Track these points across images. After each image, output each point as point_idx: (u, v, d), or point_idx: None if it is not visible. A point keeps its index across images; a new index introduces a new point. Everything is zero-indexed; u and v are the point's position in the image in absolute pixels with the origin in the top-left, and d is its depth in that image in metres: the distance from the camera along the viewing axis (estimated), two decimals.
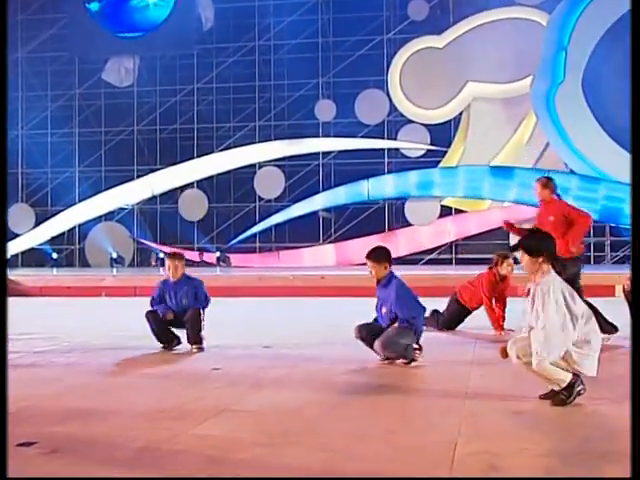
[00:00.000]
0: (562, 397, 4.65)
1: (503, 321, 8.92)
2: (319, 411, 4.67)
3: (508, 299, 8.99)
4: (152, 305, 7.58)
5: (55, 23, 31.66)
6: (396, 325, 6.39)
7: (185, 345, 7.62)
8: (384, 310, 6.49)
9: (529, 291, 4.82)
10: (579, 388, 4.66)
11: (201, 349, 7.28)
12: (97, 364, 6.62)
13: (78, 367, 6.44)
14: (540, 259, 4.69)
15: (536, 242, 4.79)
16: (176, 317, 7.42)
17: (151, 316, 7.45)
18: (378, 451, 3.64)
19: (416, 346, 6.44)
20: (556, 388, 4.68)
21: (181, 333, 7.45)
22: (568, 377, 4.65)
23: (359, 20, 28.97)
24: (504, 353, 4.80)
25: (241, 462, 3.49)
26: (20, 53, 31.04)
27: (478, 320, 9.57)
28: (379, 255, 6.65)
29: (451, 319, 9.28)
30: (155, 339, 7.43)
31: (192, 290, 7.54)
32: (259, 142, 30.33)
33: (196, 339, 7.33)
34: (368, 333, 6.51)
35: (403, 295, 6.46)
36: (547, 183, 8.45)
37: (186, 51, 30.94)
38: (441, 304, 9.43)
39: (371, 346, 6.46)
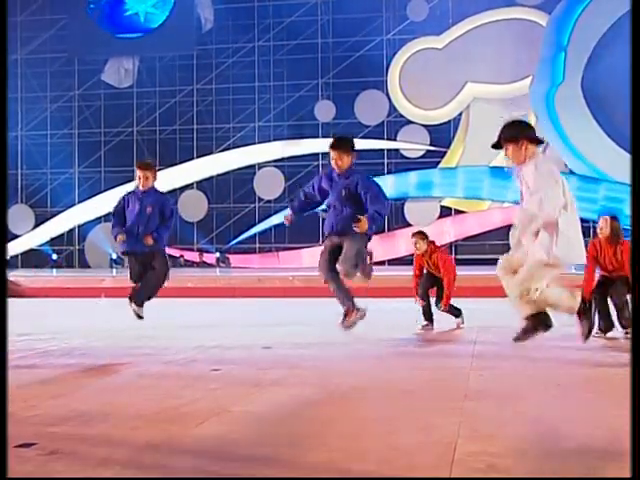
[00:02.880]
0: (524, 334, 4.58)
1: (447, 299, 9.07)
2: (319, 411, 4.66)
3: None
4: (113, 216, 7.71)
5: (54, 24, 31.69)
6: (351, 243, 6.27)
7: (185, 346, 7.61)
8: (345, 193, 6.31)
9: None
10: (544, 325, 4.59)
11: (140, 315, 7.65)
12: (96, 365, 6.61)
13: (77, 368, 6.43)
14: (523, 143, 4.73)
15: (513, 129, 4.83)
16: (133, 232, 7.58)
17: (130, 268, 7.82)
18: (378, 451, 3.63)
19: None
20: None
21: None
22: (575, 302, 4.59)
23: (358, 21, 29.01)
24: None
25: (240, 463, 3.48)
26: (19, 54, 31.06)
27: (478, 319, 9.58)
28: (346, 143, 6.50)
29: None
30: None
31: (159, 203, 7.64)
32: (259, 143, 30.36)
33: (146, 295, 7.73)
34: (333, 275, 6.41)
35: (370, 181, 6.43)
36: None
37: (186, 52, 30.98)
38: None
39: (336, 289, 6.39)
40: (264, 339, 8.19)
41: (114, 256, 29.26)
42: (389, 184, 27.81)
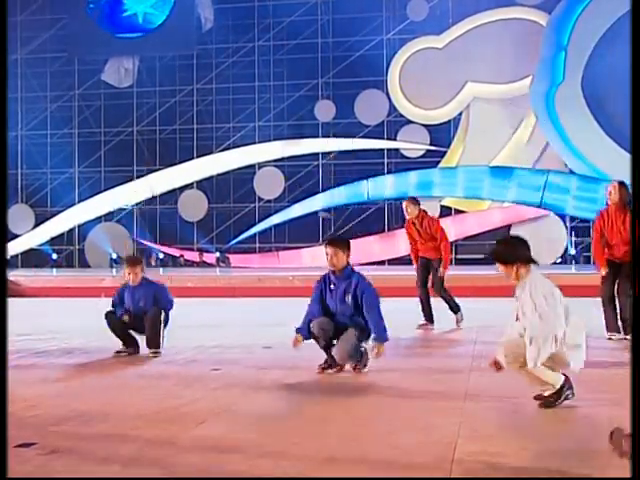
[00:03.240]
0: (550, 400, 4.66)
1: (446, 264, 9.33)
2: (319, 412, 4.66)
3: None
4: (113, 307, 7.42)
5: (54, 24, 31.68)
6: (353, 330, 6.07)
7: (185, 346, 7.61)
8: (348, 298, 6.11)
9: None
10: (567, 392, 4.67)
11: (157, 354, 7.03)
12: (96, 365, 6.61)
13: (77, 368, 6.44)
14: (514, 266, 4.67)
15: (506, 251, 4.75)
16: (133, 320, 7.21)
17: (109, 317, 7.25)
18: (378, 452, 3.63)
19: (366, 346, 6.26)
20: (546, 393, 4.69)
21: (141, 341, 7.26)
22: (559, 381, 4.66)
23: (358, 20, 28.98)
24: (497, 365, 4.71)
25: (240, 463, 3.48)
26: (19, 54, 31.05)
27: (478, 319, 9.58)
28: (342, 242, 6.36)
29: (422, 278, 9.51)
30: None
31: (151, 293, 7.31)
32: (259, 142, 30.34)
33: (154, 342, 7.10)
34: (326, 334, 6.14)
35: (368, 287, 6.21)
36: None
37: (186, 52, 30.97)
38: (441, 303, 9.43)
39: (326, 347, 6.19)
40: (264, 339, 8.19)
41: (114, 256, 29.27)
42: (389, 184, 27.82)
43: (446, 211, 27.56)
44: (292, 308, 8.91)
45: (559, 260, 25.67)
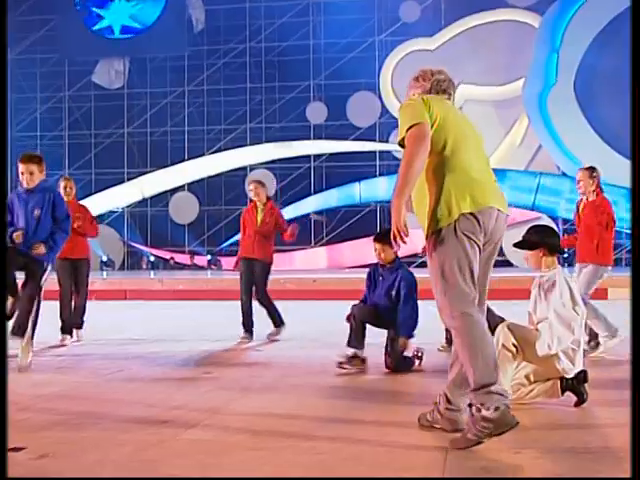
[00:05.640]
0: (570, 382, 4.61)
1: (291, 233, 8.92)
2: (312, 414, 4.61)
3: None
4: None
5: (44, 25, 31.56)
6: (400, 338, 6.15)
7: (176, 349, 7.54)
8: (392, 293, 6.23)
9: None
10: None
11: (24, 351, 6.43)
12: (87, 368, 6.54)
13: (68, 371, 6.37)
14: (541, 252, 4.73)
15: (534, 235, 4.80)
16: (26, 239, 6.26)
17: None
18: (373, 453, 3.58)
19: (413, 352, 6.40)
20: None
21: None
22: (572, 371, 4.64)
23: (351, 22, 28.99)
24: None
25: (232, 466, 3.43)
26: (9, 55, 30.90)
27: None
28: (389, 237, 6.50)
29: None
30: None
31: (49, 200, 6.46)
32: (250, 145, 30.30)
33: (21, 327, 6.28)
34: (366, 317, 6.24)
35: (411, 281, 6.31)
36: None
37: (177, 53, 30.90)
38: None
39: (363, 329, 6.22)
40: (256, 342, 8.16)
41: (104, 258, 29.13)
42: (381, 186, 27.82)
43: None
44: (284, 311, 8.89)
45: None
